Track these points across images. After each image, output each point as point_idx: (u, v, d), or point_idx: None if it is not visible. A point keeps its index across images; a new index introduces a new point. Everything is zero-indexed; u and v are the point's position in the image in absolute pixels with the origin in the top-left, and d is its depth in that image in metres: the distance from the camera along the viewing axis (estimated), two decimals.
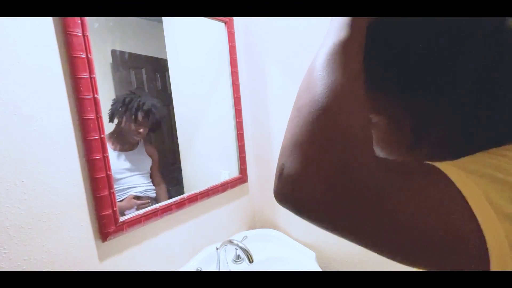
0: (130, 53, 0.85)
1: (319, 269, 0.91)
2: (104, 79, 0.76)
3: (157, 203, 0.83)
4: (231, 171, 1.10)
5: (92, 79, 0.63)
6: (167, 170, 0.97)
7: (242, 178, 1.11)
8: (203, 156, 1.09)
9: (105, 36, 0.77)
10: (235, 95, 1.07)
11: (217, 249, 0.89)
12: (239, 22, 1.08)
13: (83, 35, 0.62)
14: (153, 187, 0.91)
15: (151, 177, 0.91)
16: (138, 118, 0.84)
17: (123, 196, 0.81)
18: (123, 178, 0.82)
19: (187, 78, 1.02)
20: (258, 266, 0.90)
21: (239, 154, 1.10)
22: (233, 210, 1.11)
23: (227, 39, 1.03)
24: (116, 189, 0.71)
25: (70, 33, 0.60)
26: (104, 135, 0.67)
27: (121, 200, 0.80)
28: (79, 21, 0.61)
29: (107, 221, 0.69)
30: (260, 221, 1.22)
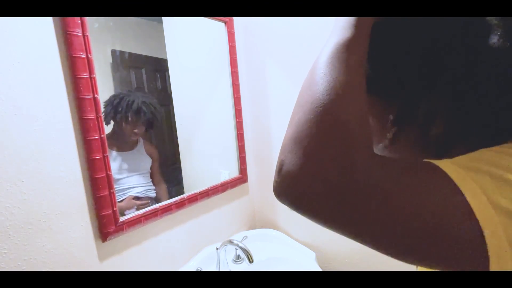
0: (130, 53, 0.85)
1: (319, 269, 0.91)
2: (104, 79, 0.76)
3: (157, 203, 0.83)
4: (231, 171, 1.10)
5: (92, 79, 0.63)
6: (167, 170, 0.97)
7: (242, 178, 1.11)
8: (203, 156, 1.09)
9: (105, 36, 0.77)
10: (235, 95, 1.07)
11: (217, 249, 0.89)
12: (239, 22, 1.08)
13: (83, 35, 0.62)
14: (153, 187, 0.91)
15: (151, 177, 0.91)
16: (129, 118, 0.83)
17: (123, 196, 0.81)
18: (123, 178, 0.82)
19: (187, 78, 1.02)
20: (258, 266, 0.90)
21: (239, 154, 1.10)
22: (233, 210, 1.11)
23: (227, 39, 1.03)
24: (116, 189, 0.71)
25: (70, 33, 0.60)
26: (104, 135, 0.67)
27: (121, 200, 0.80)
28: (79, 21, 0.61)
29: (107, 221, 0.69)
30: (260, 221, 1.22)
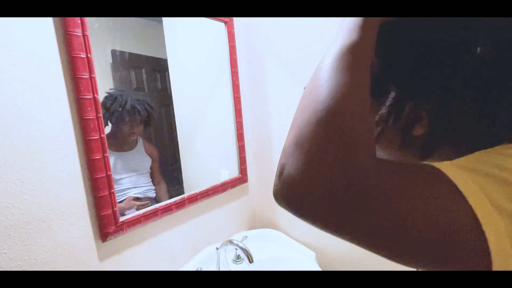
0: (130, 53, 0.85)
1: (319, 269, 0.91)
2: (104, 79, 0.76)
3: (157, 203, 0.83)
4: (231, 171, 1.10)
5: (92, 79, 0.63)
6: (167, 170, 0.97)
7: (242, 178, 1.11)
8: (203, 156, 1.09)
9: (105, 36, 0.77)
10: (235, 95, 1.07)
11: (217, 249, 0.89)
12: (239, 22, 1.08)
13: (83, 35, 0.62)
14: (153, 187, 0.91)
15: (151, 177, 0.91)
16: (125, 119, 0.82)
17: (123, 196, 0.81)
18: (122, 178, 0.82)
19: (187, 78, 1.02)
20: (258, 266, 0.90)
21: (239, 154, 1.10)
22: (233, 210, 1.11)
23: (227, 39, 1.03)
24: (116, 189, 0.71)
25: (70, 33, 0.60)
26: (104, 135, 0.67)
27: (121, 201, 0.79)
28: (79, 21, 0.61)
29: (107, 221, 0.69)
30: (260, 221, 1.22)
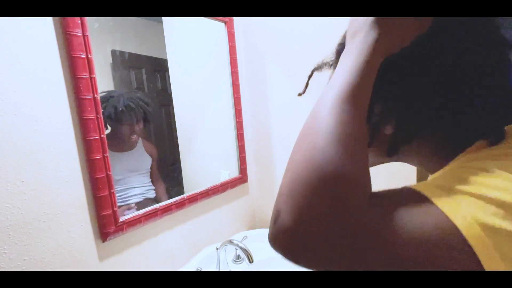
0: (130, 53, 0.85)
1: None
2: (104, 79, 0.76)
3: (157, 203, 0.83)
4: (231, 171, 1.10)
5: (92, 79, 0.63)
6: (167, 170, 0.97)
7: (242, 178, 1.11)
8: (203, 156, 1.09)
9: (105, 36, 0.77)
10: (235, 95, 1.07)
11: (217, 249, 0.89)
12: (239, 22, 1.08)
13: (83, 35, 0.62)
14: (153, 187, 0.91)
15: (151, 176, 0.91)
16: (122, 121, 0.81)
17: (123, 196, 0.81)
18: (122, 178, 0.82)
19: (187, 78, 1.02)
20: (258, 266, 0.90)
21: (239, 154, 1.10)
22: (233, 210, 1.11)
23: (227, 39, 1.03)
24: (116, 189, 0.71)
25: (70, 33, 0.60)
26: (104, 135, 0.67)
27: (119, 206, 0.79)
28: (79, 21, 0.61)
29: (107, 221, 0.69)
30: (260, 221, 1.22)
